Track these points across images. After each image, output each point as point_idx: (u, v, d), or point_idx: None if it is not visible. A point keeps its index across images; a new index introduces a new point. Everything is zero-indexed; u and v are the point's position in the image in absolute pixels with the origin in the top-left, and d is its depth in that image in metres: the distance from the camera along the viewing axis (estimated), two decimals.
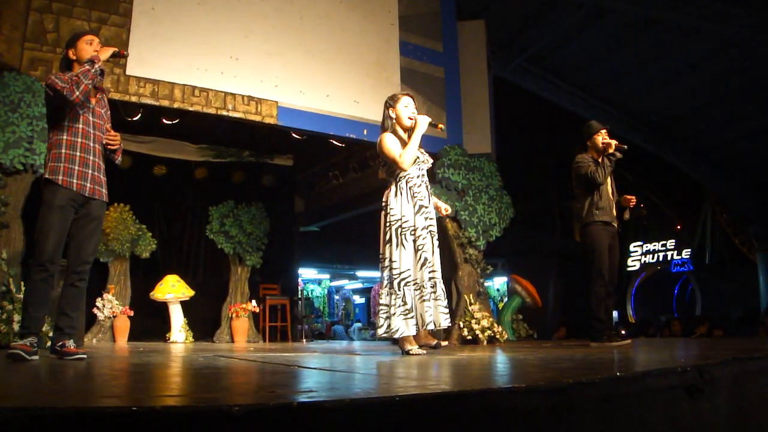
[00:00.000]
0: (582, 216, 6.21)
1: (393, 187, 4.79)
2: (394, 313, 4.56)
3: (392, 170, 4.81)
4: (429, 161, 4.96)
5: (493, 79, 9.78)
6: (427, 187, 4.85)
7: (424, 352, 4.55)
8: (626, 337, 6.42)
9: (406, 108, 4.86)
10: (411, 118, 4.83)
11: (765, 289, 14.93)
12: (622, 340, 6.01)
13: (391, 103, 4.92)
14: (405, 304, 4.57)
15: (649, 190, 16.86)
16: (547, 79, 12.15)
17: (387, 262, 4.67)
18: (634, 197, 6.34)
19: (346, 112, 8.02)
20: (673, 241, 17.62)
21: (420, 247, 4.63)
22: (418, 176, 4.79)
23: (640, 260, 18.21)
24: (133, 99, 6.75)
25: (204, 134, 9.86)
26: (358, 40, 8.37)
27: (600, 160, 6.14)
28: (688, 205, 17.20)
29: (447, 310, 4.75)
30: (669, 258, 17.59)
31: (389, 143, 4.75)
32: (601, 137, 6.27)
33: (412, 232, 4.65)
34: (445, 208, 5.17)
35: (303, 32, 7.95)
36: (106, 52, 4.22)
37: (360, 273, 21.67)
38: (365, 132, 8.05)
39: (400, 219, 4.66)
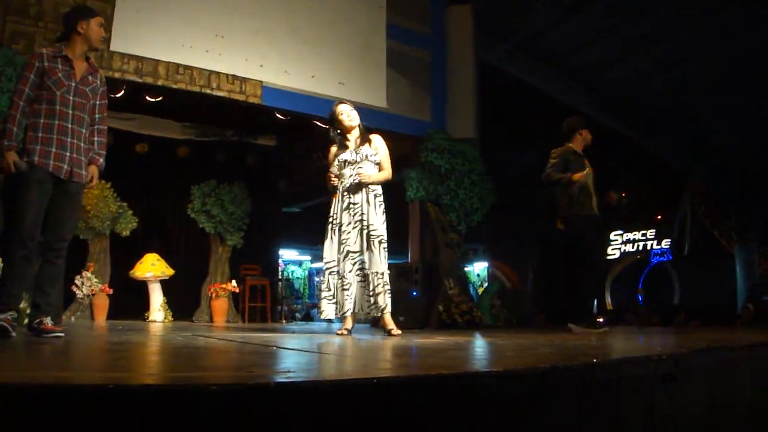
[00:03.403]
0: (565, 208, 6.24)
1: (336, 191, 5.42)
2: (321, 297, 5.24)
3: None
4: (363, 158, 5.33)
5: (479, 64, 9.74)
6: (360, 184, 5.25)
7: (344, 333, 5.03)
8: (604, 324, 6.48)
9: (341, 115, 5.45)
10: (351, 121, 5.42)
11: (742, 281, 15.06)
12: (601, 328, 6.05)
13: (330, 113, 5.55)
14: (329, 290, 5.21)
15: (631, 179, 16.89)
16: (533, 65, 12.11)
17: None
18: (615, 196, 6.44)
19: (331, 93, 7.96)
20: (653, 230, 17.70)
21: (344, 241, 5.19)
22: (350, 176, 5.29)
23: (619, 249, 18.28)
24: (117, 75, 6.70)
25: (187, 112, 9.76)
26: (346, 21, 8.34)
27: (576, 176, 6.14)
28: (669, 195, 17.25)
29: (380, 301, 5.10)
30: (649, 247, 17.69)
31: (329, 159, 5.49)
32: (588, 132, 6.42)
33: (338, 228, 5.24)
34: (357, 173, 5.30)
35: (289, 11, 7.90)
36: (9, 160, 3.96)
37: None
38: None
39: (331, 216, 5.30)
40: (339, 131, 5.47)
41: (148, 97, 7.82)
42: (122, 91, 7.14)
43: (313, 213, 15.08)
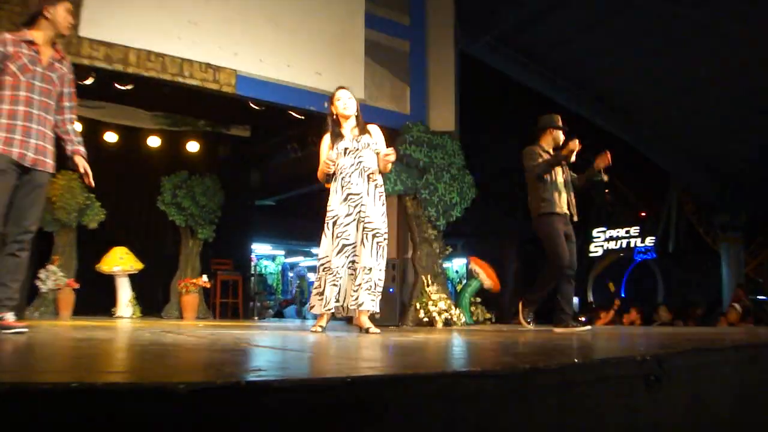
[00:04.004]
0: (534, 207, 6.29)
1: (333, 181, 5.38)
2: (313, 293, 5.27)
3: None
4: (364, 146, 5.28)
5: (460, 56, 9.77)
6: (363, 171, 5.22)
7: (317, 330, 5.05)
8: (585, 323, 6.52)
9: (339, 101, 5.42)
10: (346, 108, 5.40)
11: (727, 280, 15.24)
12: (582, 326, 6.14)
13: (328, 99, 5.60)
14: (319, 286, 5.22)
15: (615, 176, 16.97)
16: (515, 58, 12.13)
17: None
18: (607, 156, 6.24)
19: (308, 83, 7.97)
20: (637, 228, 17.79)
21: (339, 234, 5.15)
22: (351, 165, 5.24)
23: (602, 246, 18.40)
24: (86, 62, 6.62)
25: (159, 101, 9.68)
26: (323, 9, 8.31)
27: (556, 156, 6.20)
28: (653, 193, 17.35)
29: (366, 294, 5.06)
30: (632, 245, 17.81)
31: (320, 149, 5.49)
32: (560, 133, 6.40)
33: (334, 222, 5.21)
34: (385, 154, 5.29)
35: None
36: None
37: (316, 250, 21.52)
38: (326, 105, 7.95)
39: (330, 209, 5.26)
40: (335, 117, 5.45)
41: (117, 85, 7.74)
42: (91, 79, 7.06)
43: (288, 206, 15.16)
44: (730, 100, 11.90)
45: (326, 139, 5.45)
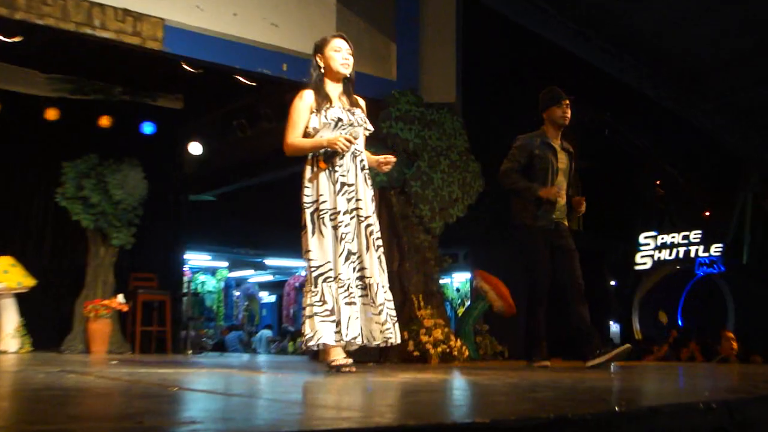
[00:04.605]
0: (513, 211, 6.63)
1: (309, 160, 5.12)
2: (311, 315, 4.77)
3: None
4: (361, 123, 5.19)
5: (464, 3, 9.68)
6: (356, 157, 5.07)
7: (352, 368, 4.71)
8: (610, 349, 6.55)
9: (338, 53, 5.14)
10: (344, 65, 5.15)
11: None
12: (617, 349, 6.27)
13: (317, 46, 5.26)
14: (324, 303, 4.77)
15: (669, 164, 16.88)
16: (537, 5, 12.08)
17: (305, 255, 4.95)
18: (582, 202, 6.64)
19: (260, 39, 7.95)
20: (699, 232, 17.46)
21: (343, 236, 4.87)
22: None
23: (652, 256, 18.12)
24: None
25: (58, 60, 9.63)
26: None
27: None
28: (721, 186, 17.25)
29: (389, 322, 4.89)
30: (693, 255, 17.49)
31: (296, 110, 5.14)
32: (561, 111, 6.62)
33: (333, 217, 4.91)
34: (384, 158, 5.23)
35: None
36: None
37: (270, 261, 21.52)
38: (284, 67, 7.99)
39: (317, 201, 4.95)
40: (322, 70, 5.21)
41: (1, 37, 7.69)
42: None
43: (233, 202, 15.08)
44: None
45: (306, 97, 5.14)
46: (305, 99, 5.11)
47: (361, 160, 5.09)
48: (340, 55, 5.13)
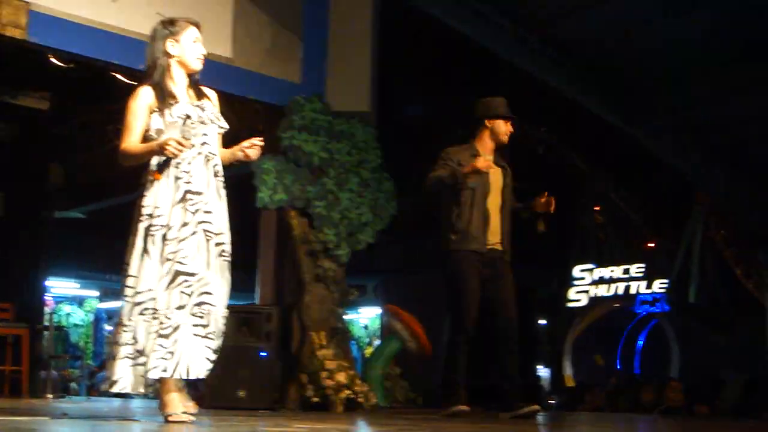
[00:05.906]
0: (443, 238, 6.49)
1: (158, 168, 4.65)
2: (117, 355, 4.36)
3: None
4: (213, 119, 4.71)
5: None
6: (208, 161, 4.60)
7: (190, 418, 4.35)
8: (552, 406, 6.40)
9: (195, 44, 4.68)
10: (200, 59, 4.74)
11: None
12: (527, 407, 6.24)
13: (170, 31, 4.72)
14: (135, 342, 4.33)
15: (611, 187, 16.90)
16: (466, 3, 11.66)
17: (124, 273, 4.54)
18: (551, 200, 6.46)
19: (144, 30, 7.26)
20: (642, 266, 17.61)
21: (172, 256, 4.36)
22: (200, 143, 4.62)
23: (587, 292, 18.18)
24: None
25: None
26: None
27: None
28: (668, 214, 17.28)
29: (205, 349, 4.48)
30: (634, 291, 17.59)
31: (131, 112, 4.58)
32: (506, 127, 6.55)
33: (164, 234, 4.43)
34: (249, 143, 4.71)
35: None
36: None
37: None
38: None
39: (152, 213, 4.45)
40: (169, 65, 4.71)
41: None
42: None
43: (104, 221, 15.02)
44: None
45: (144, 95, 4.58)
46: (142, 97, 4.58)
47: (215, 165, 4.59)
48: (198, 48, 4.68)
